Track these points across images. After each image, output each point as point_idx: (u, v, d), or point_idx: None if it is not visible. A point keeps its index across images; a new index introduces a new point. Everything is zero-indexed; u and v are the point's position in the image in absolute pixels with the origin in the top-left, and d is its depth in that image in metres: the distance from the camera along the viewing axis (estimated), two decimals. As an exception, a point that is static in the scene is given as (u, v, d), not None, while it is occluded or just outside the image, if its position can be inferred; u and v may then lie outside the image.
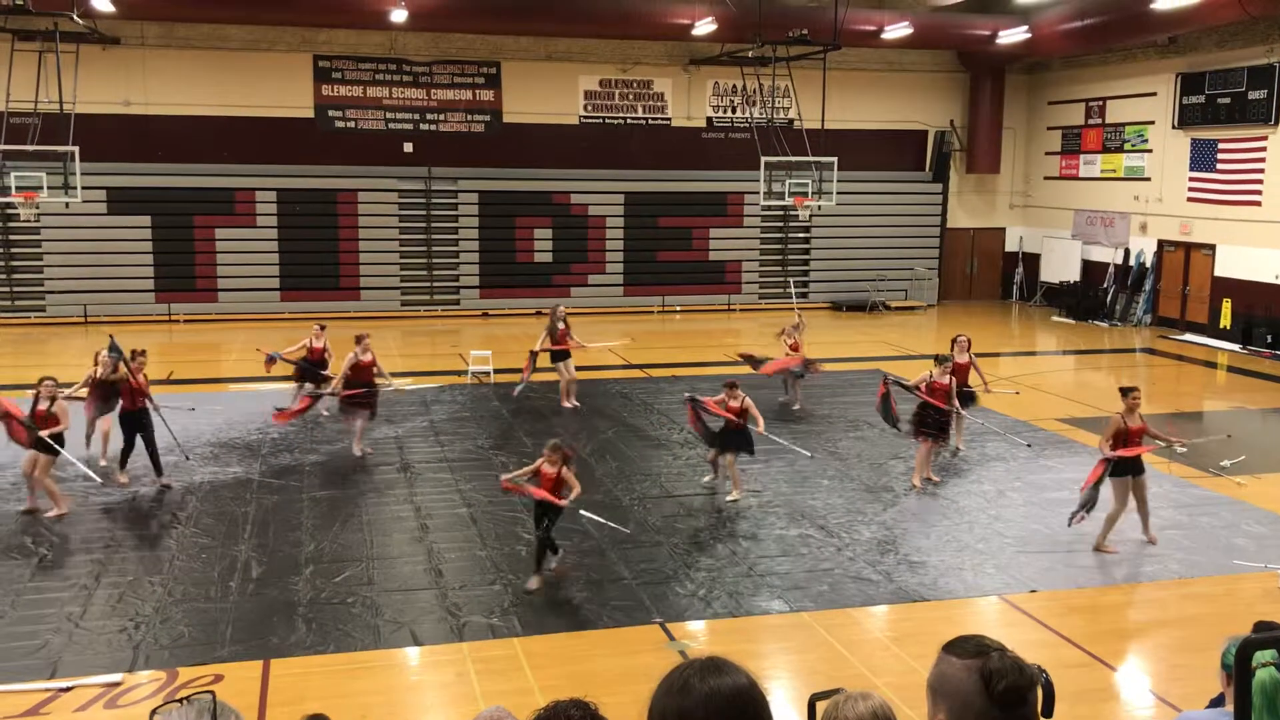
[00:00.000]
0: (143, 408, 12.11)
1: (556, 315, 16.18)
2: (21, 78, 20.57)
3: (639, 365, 19.72)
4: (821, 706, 2.76)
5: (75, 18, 19.61)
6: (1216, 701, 4.05)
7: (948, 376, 12.58)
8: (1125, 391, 10.57)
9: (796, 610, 8.98)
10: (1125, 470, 10.34)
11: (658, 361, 19.94)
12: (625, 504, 11.78)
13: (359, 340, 13.74)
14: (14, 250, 23.88)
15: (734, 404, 11.82)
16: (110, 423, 12.79)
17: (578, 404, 16.33)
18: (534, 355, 16.04)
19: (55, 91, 20.67)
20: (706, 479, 12.48)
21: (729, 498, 11.87)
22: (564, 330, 16.13)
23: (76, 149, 20.32)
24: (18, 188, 19.97)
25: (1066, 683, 5.81)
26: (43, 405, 11.06)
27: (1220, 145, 23.12)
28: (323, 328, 15.53)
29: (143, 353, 12.34)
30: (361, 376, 13.62)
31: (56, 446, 11.02)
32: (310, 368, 15.07)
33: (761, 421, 11.95)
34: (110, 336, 13.13)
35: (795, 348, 16.14)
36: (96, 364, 12.62)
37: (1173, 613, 9.30)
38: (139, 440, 12.14)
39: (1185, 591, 9.60)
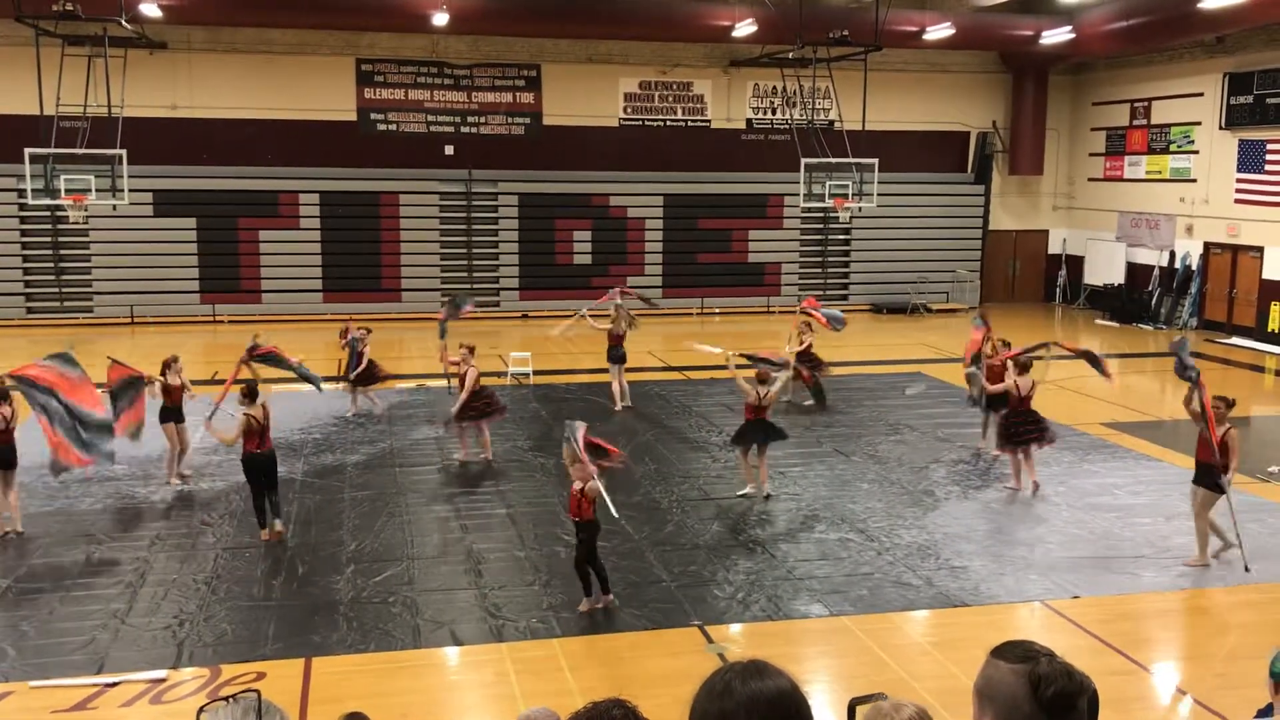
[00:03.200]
0: (270, 450, 10.69)
1: (621, 314, 16.24)
2: (71, 82, 20.90)
3: (678, 368, 19.72)
4: (861, 711, 2.75)
5: (124, 23, 19.91)
6: (1265, 712, 4.00)
7: (1028, 379, 12.37)
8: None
9: (836, 614, 8.94)
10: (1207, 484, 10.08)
11: (696, 364, 19.90)
12: (664, 506, 11.79)
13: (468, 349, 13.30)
14: (63, 252, 24.28)
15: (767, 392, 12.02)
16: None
17: (617, 407, 16.34)
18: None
19: (104, 96, 20.99)
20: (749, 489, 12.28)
21: (756, 493, 12.03)
22: (620, 334, 16.20)
23: (124, 152, 20.63)
24: (67, 190, 20.29)
25: (1110, 690, 5.75)
26: None
27: (1269, 146, 22.76)
28: (368, 331, 15.72)
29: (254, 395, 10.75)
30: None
31: None
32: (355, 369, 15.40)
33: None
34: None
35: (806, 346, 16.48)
36: (166, 373, 12.47)
37: (1219, 620, 9.17)
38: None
39: (1232, 599, 9.45)
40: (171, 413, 12.36)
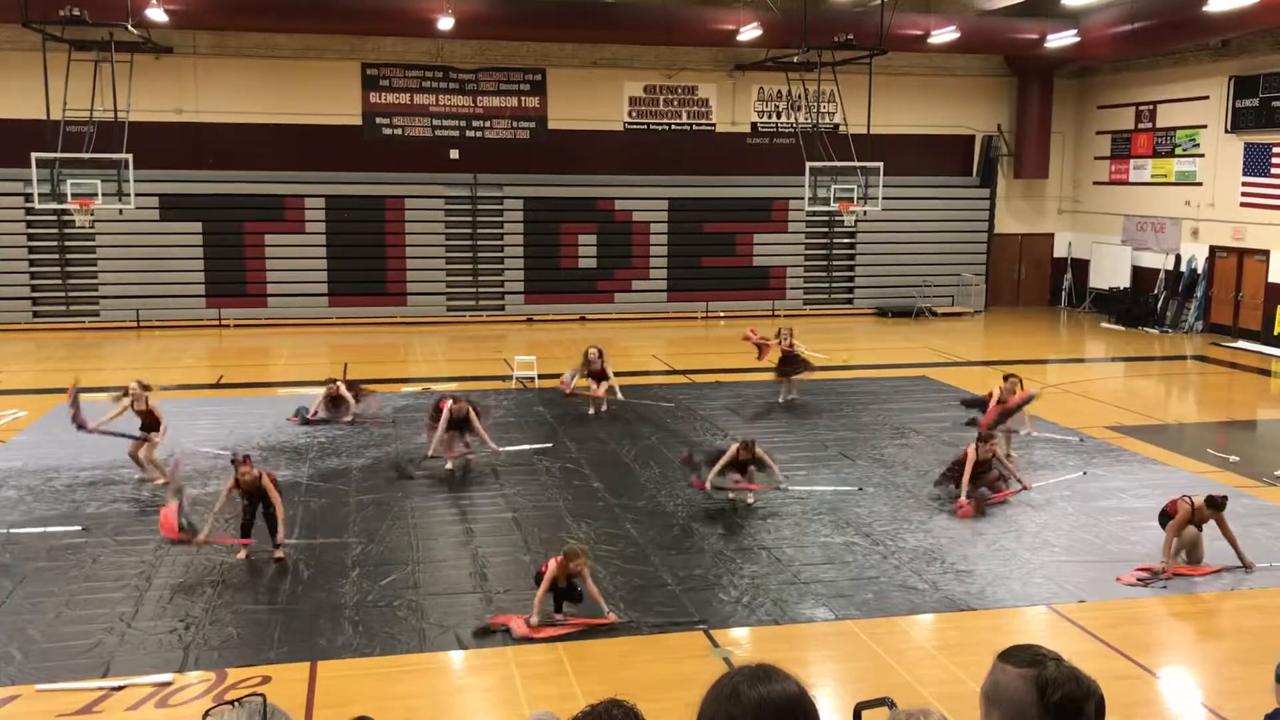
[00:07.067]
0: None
1: (589, 357, 16.26)
2: (78, 87, 20.95)
3: (682, 371, 19.72)
4: (867, 715, 2.75)
5: (130, 28, 19.98)
6: (1272, 716, 4.00)
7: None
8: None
9: (841, 618, 8.93)
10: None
11: (701, 367, 19.92)
12: (669, 510, 11.78)
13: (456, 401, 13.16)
14: (69, 256, 24.34)
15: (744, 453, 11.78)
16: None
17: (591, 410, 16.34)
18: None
19: (110, 100, 21.06)
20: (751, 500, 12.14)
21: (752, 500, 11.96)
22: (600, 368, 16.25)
23: (130, 157, 20.68)
24: (74, 195, 20.35)
25: (1116, 695, 5.74)
26: None
27: (1275, 149, 22.74)
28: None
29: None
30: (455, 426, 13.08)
31: None
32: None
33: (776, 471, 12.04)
34: None
35: (789, 349, 16.81)
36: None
37: (1225, 625, 9.15)
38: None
39: (1238, 603, 9.43)
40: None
